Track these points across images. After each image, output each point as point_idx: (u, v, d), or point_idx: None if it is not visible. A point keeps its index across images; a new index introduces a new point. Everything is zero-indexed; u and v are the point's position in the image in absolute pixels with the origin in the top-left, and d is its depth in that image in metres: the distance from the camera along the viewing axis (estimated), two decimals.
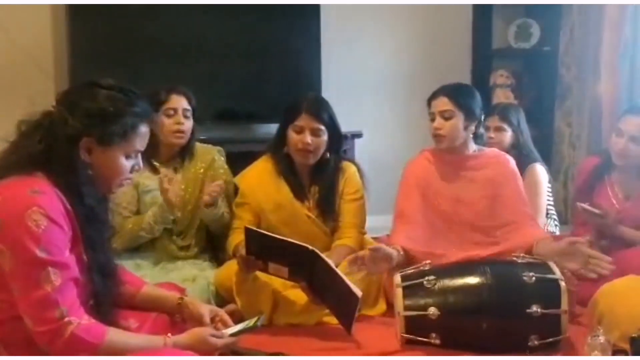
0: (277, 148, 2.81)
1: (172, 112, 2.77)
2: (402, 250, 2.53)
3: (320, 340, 2.37)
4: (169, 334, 1.74)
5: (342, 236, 2.77)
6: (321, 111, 2.73)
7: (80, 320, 1.57)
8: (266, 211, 2.77)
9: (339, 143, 2.85)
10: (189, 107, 2.83)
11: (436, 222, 2.73)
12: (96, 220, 1.70)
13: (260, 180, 2.80)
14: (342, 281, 2.32)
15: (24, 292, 1.55)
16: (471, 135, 2.72)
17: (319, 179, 2.82)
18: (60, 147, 1.63)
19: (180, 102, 2.80)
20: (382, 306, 2.66)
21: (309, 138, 2.69)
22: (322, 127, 2.71)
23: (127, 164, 1.73)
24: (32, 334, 1.56)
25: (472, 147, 2.76)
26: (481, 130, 2.77)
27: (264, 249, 2.42)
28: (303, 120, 2.70)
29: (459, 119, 2.66)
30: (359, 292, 2.32)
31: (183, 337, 1.75)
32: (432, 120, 2.70)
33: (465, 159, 2.75)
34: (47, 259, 1.54)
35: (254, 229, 2.47)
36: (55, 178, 1.62)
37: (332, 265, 2.39)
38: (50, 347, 1.56)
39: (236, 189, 2.87)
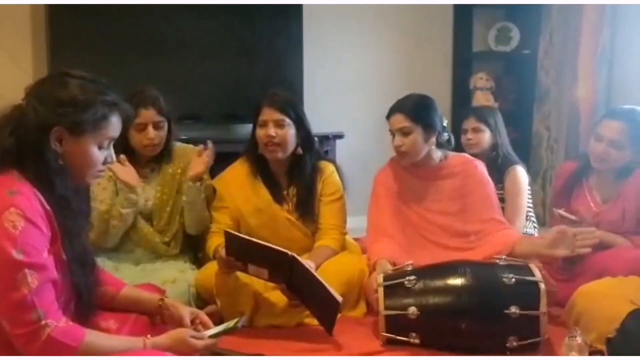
0: (251, 149, 2.80)
1: (141, 127, 2.68)
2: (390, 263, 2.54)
3: (301, 342, 2.37)
4: (149, 335, 1.73)
5: (323, 237, 2.76)
6: (282, 103, 2.72)
7: (58, 323, 1.55)
8: (245, 215, 2.75)
9: (310, 140, 2.81)
10: (159, 118, 2.71)
11: (409, 232, 2.75)
12: (71, 210, 1.66)
13: (238, 183, 2.78)
14: (322, 286, 2.32)
15: (1, 294, 1.52)
16: (434, 146, 2.73)
17: (295, 179, 2.80)
18: (31, 137, 1.60)
19: (148, 116, 2.68)
20: (362, 308, 2.66)
21: (272, 130, 2.68)
22: (285, 119, 2.69)
23: (99, 154, 1.70)
24: (9, 337, 1.54)
25: (437, 156, 2.77)
26: (445, 135, 2.76)
27: (244, 252, 2.41)
28: (265, 114, 2.71)
29: (418, 134, 2.67)
30: (339, 297, 2.33)
31: (163, 339, 1.74)
32: (393, 136, 2.72)
33: (431, 170, 2.78)
34: (24, 260, 1.51)
35: (234, 232, 2.45)
36: (27, 172, 1.59)
37: (313, 270, 2.40)
38: (27, 350, 1.53)
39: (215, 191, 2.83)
